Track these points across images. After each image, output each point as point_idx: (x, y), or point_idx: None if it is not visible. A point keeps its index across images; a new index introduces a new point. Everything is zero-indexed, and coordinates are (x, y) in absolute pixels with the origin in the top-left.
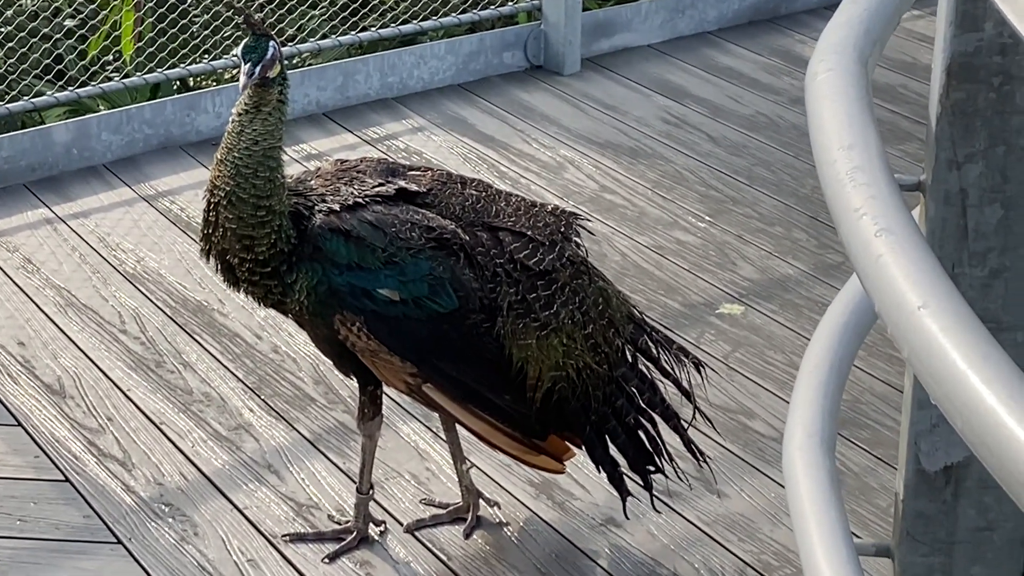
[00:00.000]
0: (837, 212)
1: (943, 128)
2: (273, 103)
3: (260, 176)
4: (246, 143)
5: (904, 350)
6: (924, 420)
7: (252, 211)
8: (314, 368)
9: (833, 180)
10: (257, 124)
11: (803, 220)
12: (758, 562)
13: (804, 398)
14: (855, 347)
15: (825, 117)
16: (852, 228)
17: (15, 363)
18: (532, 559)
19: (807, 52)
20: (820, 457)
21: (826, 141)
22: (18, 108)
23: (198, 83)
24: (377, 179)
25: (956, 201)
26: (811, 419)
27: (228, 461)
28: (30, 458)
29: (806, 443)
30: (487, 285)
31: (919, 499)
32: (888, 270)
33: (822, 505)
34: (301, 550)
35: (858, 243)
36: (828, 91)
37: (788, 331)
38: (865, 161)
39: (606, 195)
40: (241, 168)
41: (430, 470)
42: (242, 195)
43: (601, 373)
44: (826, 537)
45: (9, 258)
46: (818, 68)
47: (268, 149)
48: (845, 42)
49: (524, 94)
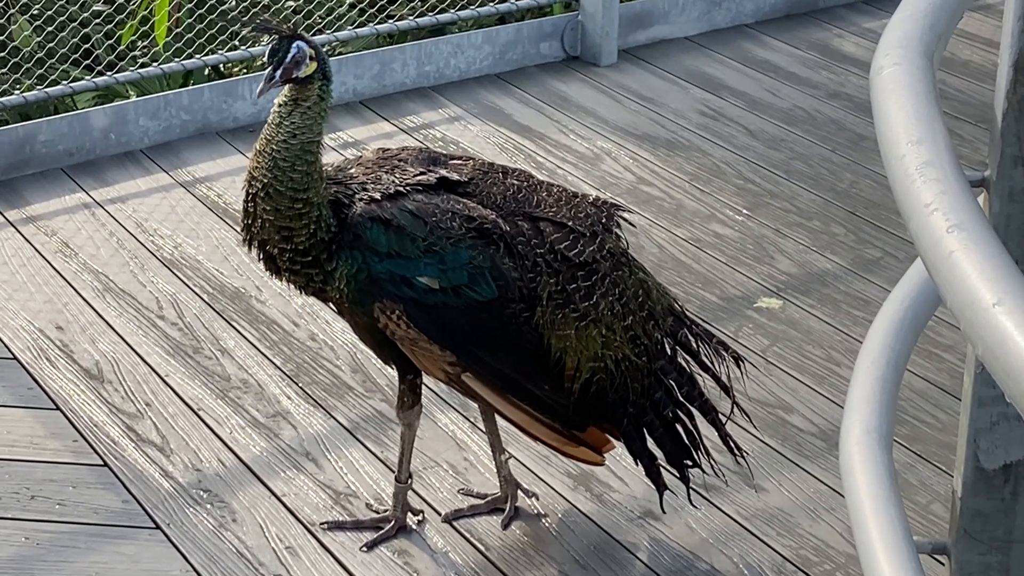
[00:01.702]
0: (906, 207)
1: (1009, 124)
2: (313, 98)
3: (297, 169)
4: (284, 135)
5: (977, 347)
6: (984, 418)
7: (289, 203)
8: (352, 357)
9: (902, 175)
10: (296, 117)
11: (841, 215)
12: (797, 557)
13: (861, 393)
14: (912, 343)
15: (892, 112)
16: (922, 223)
17: (54, 347)
18: (570, 550)
19: (845, 46)
20: (878, 452)
21: (894, 136)
22: (57, 92)
23: (230, 71)
24: (419, 168)
25: (1021, 198)
26: (869, 414)
27: (266, 448)
28: (69, 442)
29: (864, 439)
30: (527, 275)
31: (977, 497)
32: (960, 267)
33: (881, 501)
34: (339, 538)
35: (929, 239)
36: (894, 85)
37: (826, 326)
38: (934, 156)
39: (643, 187)
40: (279, 160)
41: (468, 460)
42: (279, 187)
43: (640, 365)
44: (885, 533)
45: (47, 242)
46: (884, 63)
47: (306, 143)
48: (910, 36)
49: (561, 85)
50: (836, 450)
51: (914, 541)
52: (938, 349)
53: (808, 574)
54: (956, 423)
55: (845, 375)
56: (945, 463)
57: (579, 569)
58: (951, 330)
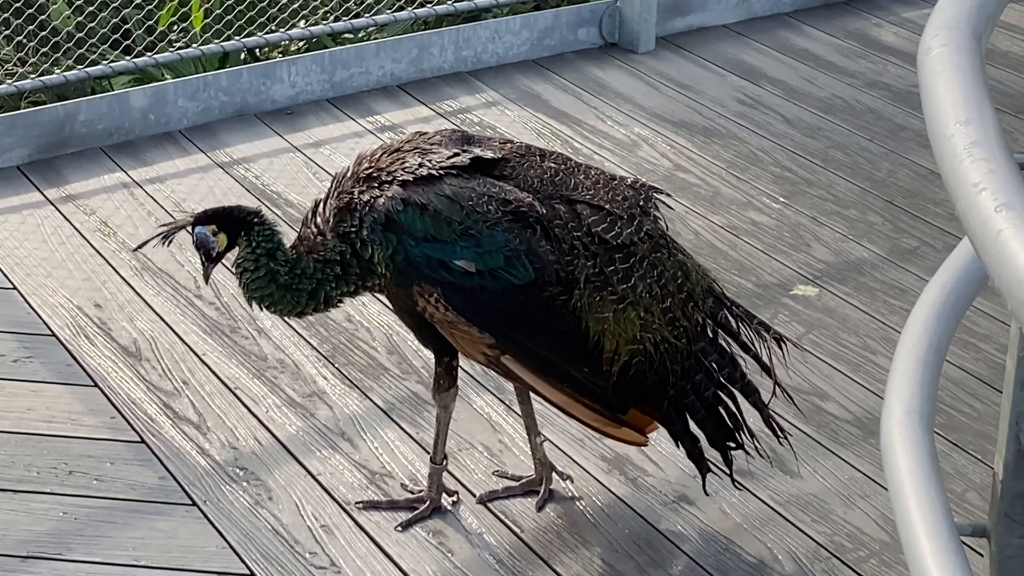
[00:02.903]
0: (954, 187)
1: None
2: (246, 256)
3: (277, 303)
4: (247, 295)
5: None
6: None
7: (295, 308)
8: (388, 338)
9: (950, 155)
10: (245, 278)
11: (878, 204)
12: (831, 543)
13: (903, 375)
14: (953, 327)
15: (940, 92)
16: (970, 203)
17: (92, 325)
18: (604, 533)
19: (884, 35)
20: (920, 434)
21: (942, 116)
22: (96, 72)
23: (266, 54)
24: (452, 149)
25: None
26: (911, 396)
27: (302, 427)
28: (106, 419)
29: (905, 419)
30: (564, 258)
31: (1018, 480)
32: (1009, 246)
33: (922, 483)
34: (374, 518)
35: (977, 218)
36: (943, 66)
37: (862, 314)
38: (982, 136)
39: (680, 174)
40: (261, 305)
41: (503, 442)
42: (278, 310)
43: (680, 347)
44: (926, 514)
45: (86, 221)
46: (932, 43)
47: (265, 295)
48: (958, 17)
49: (598, 71)
50: (871, 438)
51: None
52: (975, 339)
53: (842, 560)
54: (992, 413)
55: (881, 363)
56: (981, 452)
57: (612, 552)
58: (988, 320)
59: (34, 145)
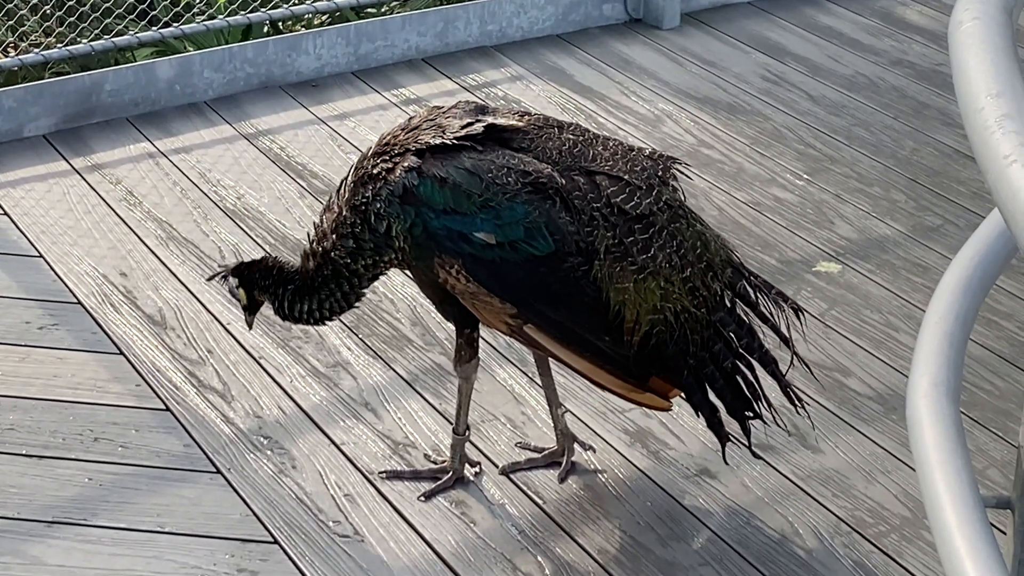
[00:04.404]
0: (984, 160)
1: None
2: (278, 314)
3: (324, 311)
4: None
5: None
6: None
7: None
8: (411, 310)
9: (981, 128)
10: (290, 322)
11: (902, 181)
12: (852, 518)
13: (929, 348)
14: (979, 301)
15: (971, 65)
16: (1001, 175)
17: (118, 293)
18: (626, 505)
19: (908, 14)
20: (946, 406)
21: (973, 89)
22: (123, 42)
23: (289, 28)
24: (465, 119)
25: None
26: (937, 369)
27: (326, 397)
28: (131, 386)
29: (931, 392)
30: (584, 229)
31: None
32: None
33: (948, 454)
34: (397, 487)
35: (1008, 190)
36: (974, 39)
37: (885, 291)
38: (1014, 109)
39: (704, 150)
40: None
41: (525, 414)
42: (327, 316)
43: (699, 317)
44: (952, 486)
45: (112, 190)
46: (963, 17)
47: (309, 317)
48: None
49: (623, 47)
50: (893, 414)
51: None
52: (997, 317)
53: (863, 535)
54: (1014, 390)
55: (903, 340)
56: (1003, 429)
57: (634, 524)
58: (1010, 298)
59: (60, 114)
